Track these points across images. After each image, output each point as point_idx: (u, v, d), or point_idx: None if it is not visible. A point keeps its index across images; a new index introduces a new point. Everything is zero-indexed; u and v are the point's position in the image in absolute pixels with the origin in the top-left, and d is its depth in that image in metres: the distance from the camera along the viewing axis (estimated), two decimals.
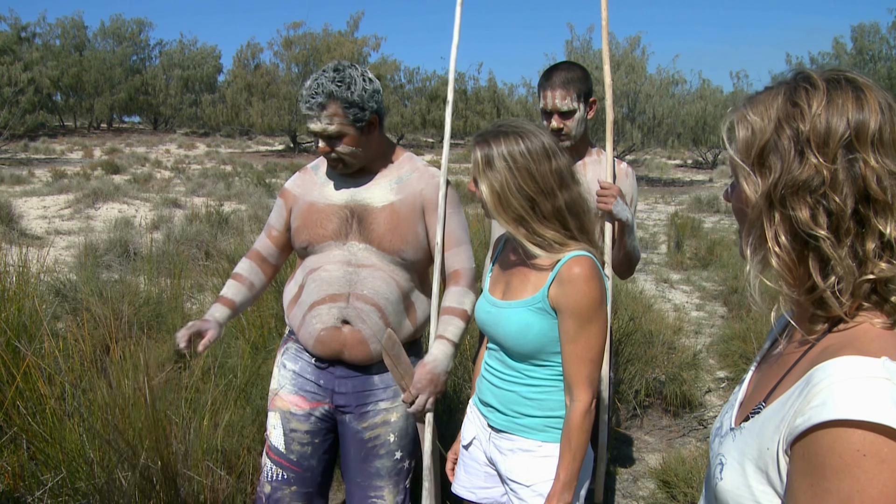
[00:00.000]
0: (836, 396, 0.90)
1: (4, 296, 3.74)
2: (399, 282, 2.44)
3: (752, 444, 1.04)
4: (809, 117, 0.99)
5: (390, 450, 2.52)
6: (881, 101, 0.99)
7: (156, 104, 52.96)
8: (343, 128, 2.32)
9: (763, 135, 1.04)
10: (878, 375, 0.90)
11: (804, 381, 0.97)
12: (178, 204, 14.42)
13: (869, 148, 0.96)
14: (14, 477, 2.69)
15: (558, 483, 1.90)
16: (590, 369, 1.89)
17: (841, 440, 0.87)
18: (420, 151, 38.75)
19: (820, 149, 0.98)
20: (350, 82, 2.31)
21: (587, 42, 27.88)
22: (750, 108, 1.07)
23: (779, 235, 1.02)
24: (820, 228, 0.98)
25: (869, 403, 0.87)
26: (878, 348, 0.94)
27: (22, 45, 38.17)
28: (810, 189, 0.98)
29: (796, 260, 1.02)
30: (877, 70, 32.97)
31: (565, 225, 1.91)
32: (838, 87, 1.00)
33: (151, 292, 5.74)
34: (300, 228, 2.49)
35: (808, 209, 0.99)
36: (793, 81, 1.05)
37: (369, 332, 2.41)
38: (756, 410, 1.08)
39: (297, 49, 37.36)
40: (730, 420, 1.17)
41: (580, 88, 2.70)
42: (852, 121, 0.97)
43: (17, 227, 10.68)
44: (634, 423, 4.80)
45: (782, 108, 1.03)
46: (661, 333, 5.57)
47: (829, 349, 0.99)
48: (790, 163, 1.00)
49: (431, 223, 2.47)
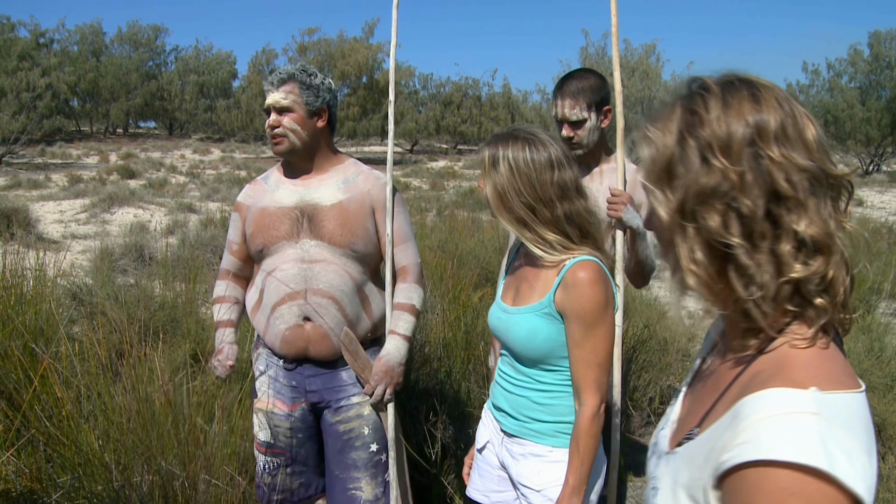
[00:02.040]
0: (763, 435, 0.87)
1: (22, 299, 3.77)
2: (352, 274, 2.57)
3: (683, 472, 1.02)
4: (708, 122, 0.97)
5: (365, 442, 2.63)
6: (779, 96, 0.97)
7: (171, 109, 53.28)
8: (294, 104, 2.53)
9: (667, 150, 1.01)
10: (806, 410, 0.87)
11: (732, 413, 0.94)
12: (192, 209, 14.50)
13: (773, 144, 0.94)
14: (31, 479, 2.71)
15: (567, 487, 1.90)
16: (597, 374, 1.89)
17: (768, 480, 0.85)
18: (434, 157, 38.80)
19: (724, 152, 0.96)
20: (312, 74, 2.57)
21: (602, 48, 27.91)
22: (650, 124, 1.05)
23: (694, 252, 0.99)
24: (732, 235, 0.95)
25: (796, 443, 0.84)
26: (807, 377, 0.91)
27: (40, 51, 38.46)
28: (719, 194, 0.96)
29: (715, 275, 1.00)
30: (893, 77, 32.76)
31: (565, 232, 1.93)
32: (732, 89, 0.99)
33: (166, 297, 5.76)
34: (255, 233, 2.61)
35: (718, 216, 0.96)
36: (687, 90, 1.03)
37: (330, 325, 2.53)
38: (689, 436, 1.05)
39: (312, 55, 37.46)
40: (665, 440, 1.15)
41: (591, 98, 2.68)
42: (751, 120, 0.95)
43: (35, 231, 10.76)
44: (648, 430, 4.78)
45: (681, 118, 1.01)
46: (676, 341, 5.55)
47: (758, 377, 0.96)
48: (696, 171, 0.98)
49: (381, 220, 2.62)
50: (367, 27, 39.73)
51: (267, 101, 2.56)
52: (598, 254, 1.95)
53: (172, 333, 5.17)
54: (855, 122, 32.77)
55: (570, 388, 1.97)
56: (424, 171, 28.33)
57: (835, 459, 0.82)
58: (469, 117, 47.74)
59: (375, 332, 2.70)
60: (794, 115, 0.96)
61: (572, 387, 1.95)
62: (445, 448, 3.61)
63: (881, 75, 34.02)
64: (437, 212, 14.33)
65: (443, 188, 21.67)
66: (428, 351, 4.12)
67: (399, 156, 38.87)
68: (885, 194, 22.02)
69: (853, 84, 35.15)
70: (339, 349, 2.57)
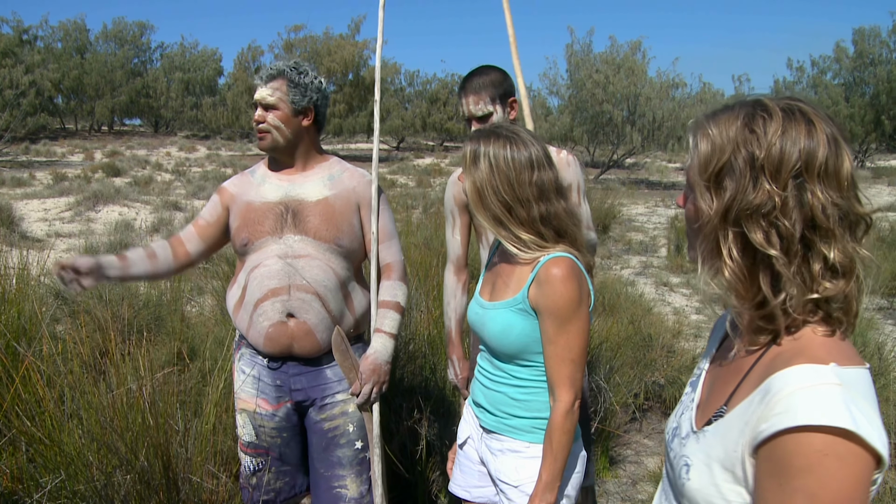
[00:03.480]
0: (798, 404, 1.00)
1: (4, 298, 3.74)
2: (335, 269, 2.56)
3: (716, 446, 1.14)
4: (766, 144, 1.08)
5: (350, 439, 2.62)
6: (828, 133, 1.07)
7: (157, 107, 52.91)
8: (280, 102, 2.53)
9: (722, 154, 1.11)
10: (831, 382, 1.00)
11: (763, 388, 1.07)
12: (178, 207, 14.44)
13: (816, 179, 1.06)
14: (13, 479, 2.69)
15: (540, 483, 1.92)
16: (570, 369, 1.90)
17: (804, 443, 0.98)
18: (421, 154, 38.76)
19: (773, 176, 1.07)
20: (303, 72, 2.57)
21: (588, 45, 27.90)
22: (712, 124, 1.14)
23: (732, 251, 1.11)
24: (773, 248, 1.07)
25: (826, 409, 0.97)
26: (826, 355, 1.05)
27: (24, 48, 38.10)
28: (763, 213, 1.07)
29: (746, 274, 1.12)
30: (877, 74, 32.96)
31: (539, 233, 1.94)
32: (792, 118, 1.09)
33: (151, 295, 5.74)
34: (239, 228, 2.59)
35: (761, 231, 1.08)
36: (751, 108, 1.12)
37: (314, 321, 2.52)
38: (718, 414, 1.18)
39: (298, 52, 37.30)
40: (689, 422, 1.25)
41: (494, 92, 2.70)
42: (803, 151, 1.06)
43: (18, 229, 10.70)
44: (634, 426, 4.80)
45: (741, 131, 1.10)
46: (661, 337, 5.57)
47: (781, 357, 1.09)
48: (745, 186, 1.09)
49: (366, 217, 2.63)
50: (353, 24, 39.62)
51: (256, 95, 2.57)
52: (573, 251, 1.96)
53: (157, 332, 5.15)
54: (839, 119, 32.75)
55: (546, 383, 1.98)
56: (411, 169, 28.31)
57: (859, 422, 0.96)
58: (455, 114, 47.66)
59: (358, 329, 2.69)
60: (837, 152, 1.07)
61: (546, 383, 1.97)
62: (430, 445, 3.61)
63: (865, 72, 34.21)
64: (423, 209, 14.33)
65: (429, 185, 21.67)
66: (413, 348, 4.12)
67: (385, 153, 38.82)
68: (869, 190, 22.15)
69: (837, 81, 35.36)
70: (325, 346, 2.56)
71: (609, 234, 12.79)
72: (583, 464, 2.11)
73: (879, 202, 18.21)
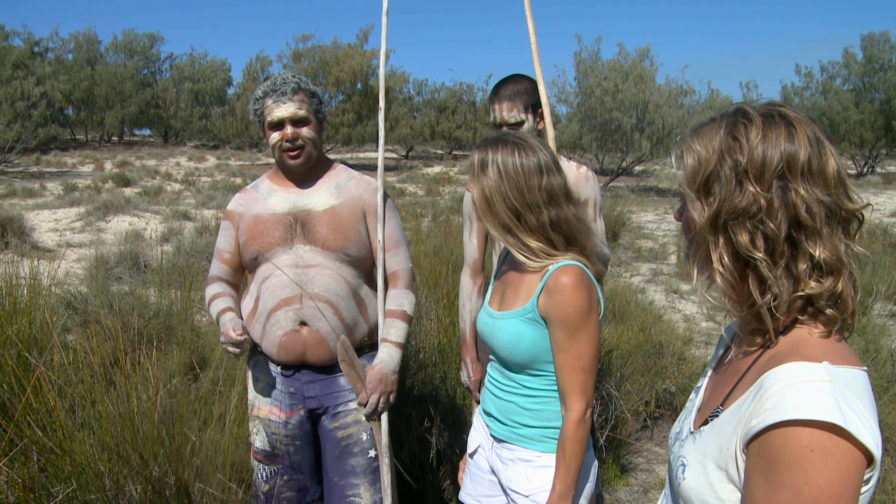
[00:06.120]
0: (787, 399, 1.01)
1: (16, 308, 3.75)
2: (347, 278, 2.55)
3: (711, 446, 1.15)
4: (747, 150, 1.11)
5: (364, 448, 2.61)
6: (810, 134, 1.10)
7: (166, 117, 53.29)
8: (309, 114, 2.52)
9: (707, 165, 1.15)
10: (821, 378, 1.02)
11: (757, 385, 1.09)
12: (188, 216, 14.50)
13: (799, 178, 1.08)
14: (25, 489, 2.69)
15: (554, 494, 1.91)
16: (582, 378, 1.89)
17: (792, 438, 0.98)
18: (430, 163, 38.80)
19: (757, 178, 1.10)
20: (308, 81, 2.57)
21: (596, 53, 27.88)
22: (696, 138, 1.19)
23: (723, 257, 1.14)
24: (757, 251, 1.10)
25: (815, 404, 0.98)
26: (820, 354, 1.07)
27: (35, 60, 38.38)
28: (749, 215, 1.10)
29: (738, 279, 1.15)
30: (887, 79, 32.86)
31: (549, 239, 1.94)
32: (772, 122, 1.12)
33: (161, 304, 5.75)
34: (248, 241, 2.59)
35: (747, 234, 1.11)
36: (733, 116, 1.16)
37: (327, 329, 2.51)
38: (714, 414, 1.19)
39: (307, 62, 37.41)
40: (689, 425, 1.27)
41: (527, 100, 2.72)
42: (784, 153, 1.09)
43: (29, 239, 10.74)
44: (645, 434, 4.78)
45: (724, 140, 1.14)
46: (672, 344, 5.55)
47: (777, 356, 1.11)
48: (731, 191, 1.12)
49: (372, 225, 2.61)
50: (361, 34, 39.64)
51: (279, 113, 2.48)
52: (582, 259, 1.95)
53: (167, 341, 5.15)
54: (849, 125, 32.86)
55: (557, 393, 1.97)
56: (419, 177, 28.33)
57: (847, 417, 0.96)
58: (464, 123, 47.78)
59: (373, 338, 2.68)
60: (821, 152, 1.09)
61: (558, 392, 1.96)
62: (441, 454, 3.60)
63: (874, 77, 34.14)
64: (433, 217, 14.34)
65: (438, 194, 21.68)
66: (423, 356, 4.11)
67: (394, 162, 38.88)
68: (879, 196, 22.07)
69: (847, 86, 35.25)
70: (337, 354, 2.55)
71: (619, 241, 12.76)
72: (595, 473, 2.10)
73: (891, 208, 18.10)
